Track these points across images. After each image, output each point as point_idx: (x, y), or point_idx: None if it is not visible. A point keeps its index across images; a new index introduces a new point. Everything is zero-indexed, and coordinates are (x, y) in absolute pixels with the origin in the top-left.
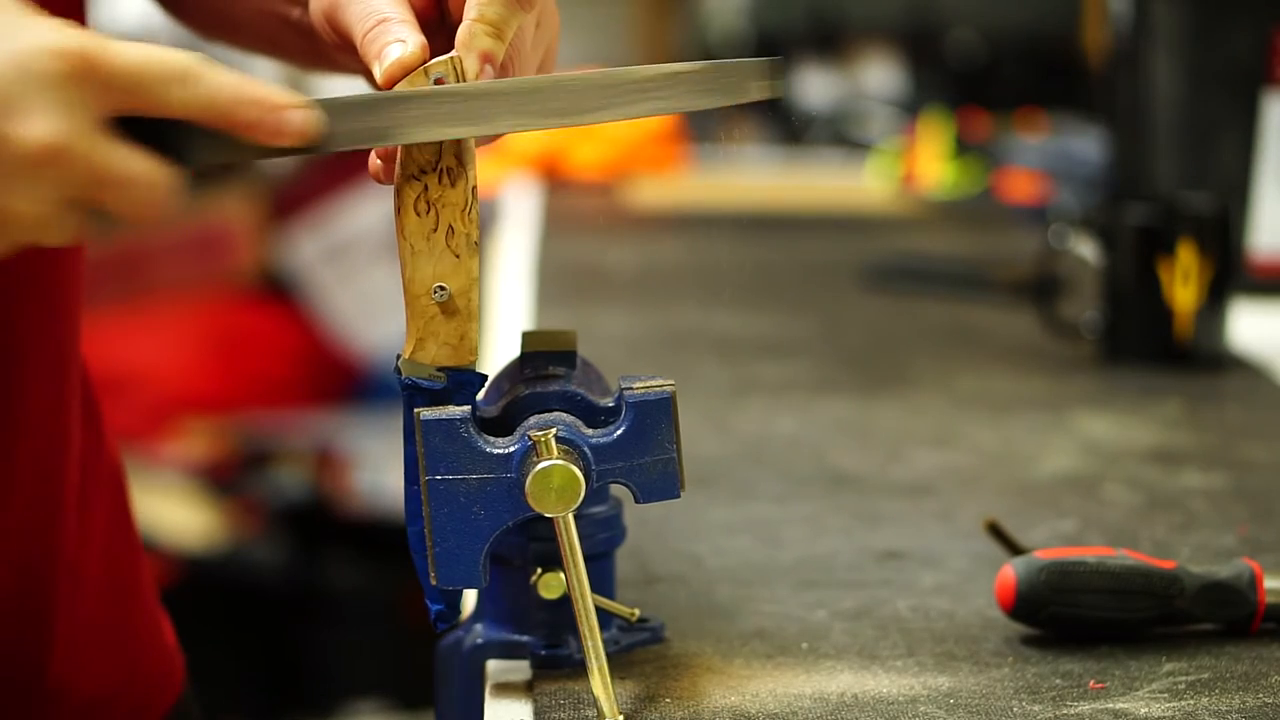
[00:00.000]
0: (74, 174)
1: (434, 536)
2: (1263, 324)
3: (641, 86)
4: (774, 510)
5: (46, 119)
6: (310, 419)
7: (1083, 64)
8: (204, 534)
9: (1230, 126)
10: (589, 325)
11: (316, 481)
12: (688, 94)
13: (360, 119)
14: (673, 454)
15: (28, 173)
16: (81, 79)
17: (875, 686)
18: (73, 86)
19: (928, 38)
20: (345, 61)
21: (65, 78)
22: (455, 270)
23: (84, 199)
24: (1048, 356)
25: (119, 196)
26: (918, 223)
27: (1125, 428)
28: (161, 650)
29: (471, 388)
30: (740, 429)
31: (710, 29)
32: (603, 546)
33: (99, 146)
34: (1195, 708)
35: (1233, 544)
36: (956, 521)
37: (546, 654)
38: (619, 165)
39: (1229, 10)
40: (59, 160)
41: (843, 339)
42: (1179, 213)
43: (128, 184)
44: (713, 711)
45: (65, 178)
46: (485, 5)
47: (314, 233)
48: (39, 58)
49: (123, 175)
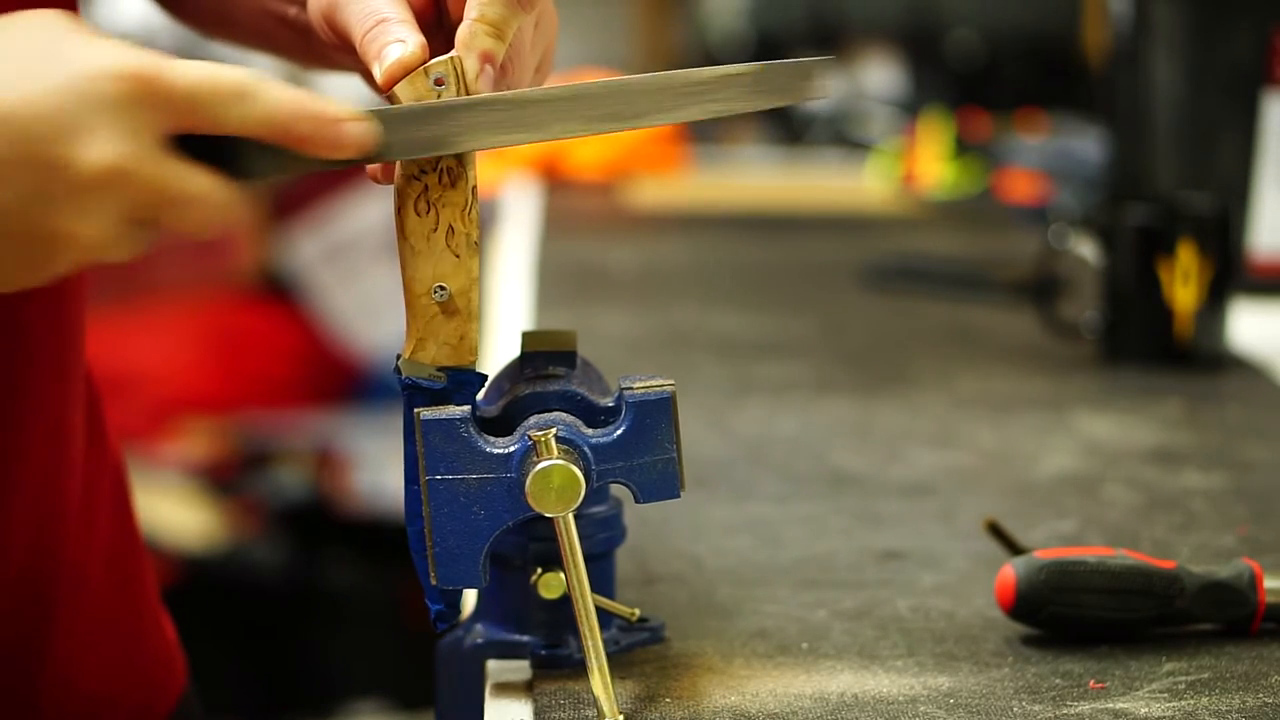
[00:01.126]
0: (136, 194)
1: (434, 536)
2: (1263, 324)
3: (693, 89)
4: (774, 510)
5: (108, 142)
6: (310, 419)
7: (1083, 64)
8: (204, 534)
9: (1230, 126)
10: (589, 325)
11: (316, 481)
12: (740, 96)
13: (416, 128)
14: (673, 454)
15: (91, 195)
16: (141, 100)
17: (875, 686)
18: (133, 108)
19: (928, 38)
20: (343, 61)
21: (125, 99)
22: (455, 270)
23: (146, 218)
24: (1048, 356)
25: (180, 214)
26: (918, 223)
27: (1125, 428)
28: (164, 649)
29: (471, 388)
30: (740, 429)
31: (710, 29)
32: (603, 546)
33: (160, 166)
34: (1195, 708)
35: (1233, 544)
36: (956, 521)
37: (546, 654)
38: (619, 165)
39: (1229, 10)
40: (121, 182)
41: (843, 339)
42: (1179, 213)
43: (189, 202)
44: (713, 711)
45: (127, 198)
46: (486, 5)
47: (314, 233)
48: (99, 80)
49: (184, 194)
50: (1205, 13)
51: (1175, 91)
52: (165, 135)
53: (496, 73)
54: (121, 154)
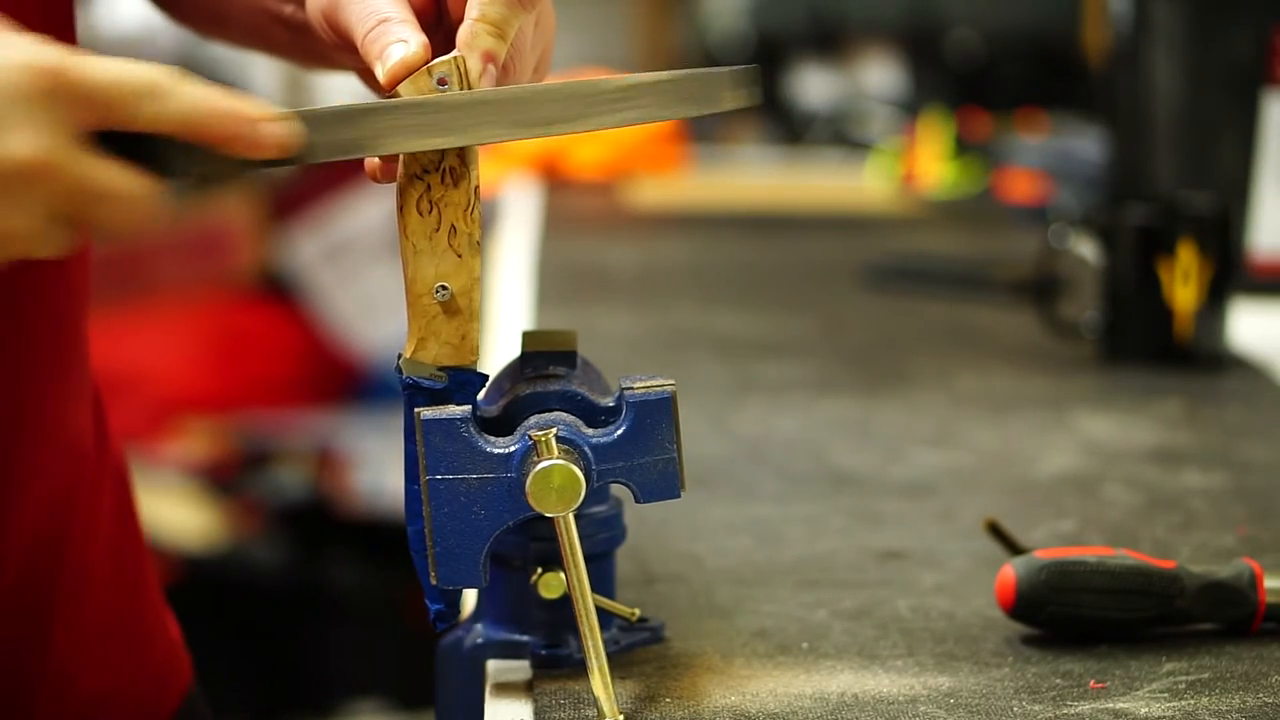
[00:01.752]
0: (58, 188)
1: (434, 536)
2: (1263, 324)
3: (617, 96)
4: (774, 510)
5: (26, 135)
6: (310, 419)
7: (1083, 64)
8: (204, 534)
9: (1230, 126)
10: (589, 325)
11: (316, 481)
12: (662, 103)
13: (339, 130)
14: (673, 454)
15: (12, 188)
16: (55, 95)
17: (875, 686)
18: (49, 102)
19: (928, 38)
20: (341, 60)
21: (41, 94)
22: (457, 270)
23: (70, 213)
24: (1048, 356)
25: (104, 209)
26: (918, 223)
27: (1125, 427)
28: (168, 648)
29: (472, 387)
30: (740, 429)
31: (710, 29)
32: (603, 546)
33: (80, 161)
34: (1195, 708)
35: (1233, 544)
36: (956, 521)
37: (546, 654)
38: (619, 165)
39: (1229, 10)
40: (42, 175)
41: (843, 339)
42: (1179, 213)
43: (111, 197)
44: (713, 711)
45: (50, 192)
46: (487, 5)
47: (314, 233)
48: (14, 74)
49: (106, 189)
50: (1205, 12)
51: (1175, 91)
52: (84, 131)
53: (498, 72)
54: (41, 147)
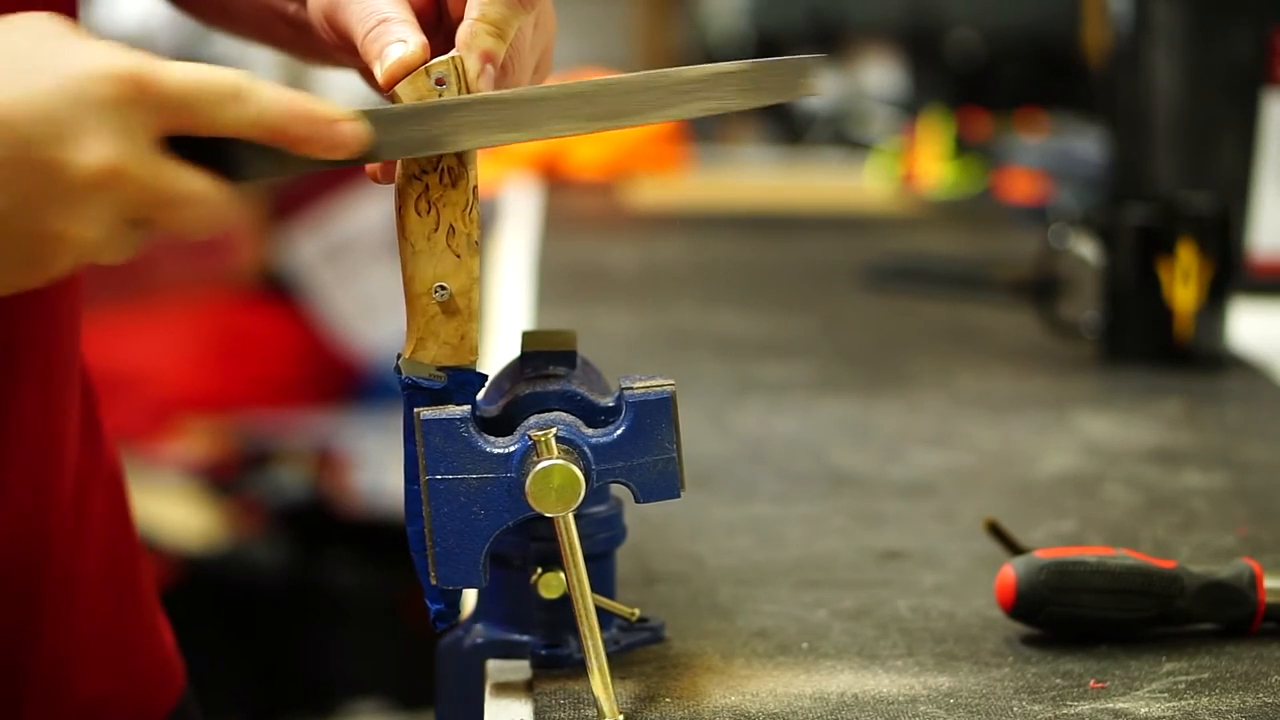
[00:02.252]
0: (131, 196)
1: (434, 536)
2: (1263, 324)
3: (687, 87)
4: (774, 510)
5: (102, 143)
6: (310, 419)
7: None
8: (204, 534)
9: (1230, 126)
10: (589, 325)
11: (316, 481)
12: (733, 94)
13: (410, 128)
14: (673, 454)
15: (86, 197)
16: (134, 102)
17: (875, 686)
18: (127, 109)
19: (928, 38)
20: (342, 59)
21: (119, 101)
22: (456, 270)
23: (141, 219)
24: (1048, 356)
25: (176, 215)
26: (918, 223)
27: (1125, 427)
28: (160, 654)
29: (472, 387)
30: (740, 429)
31: (710, 29)
32: (603, 546)
33: (155, 167)
34: (1195, 708)
35: (1233, 544)
36: (956, 521)
37: (546, 654)
38: (619, 165)
39: (1229, 10)
40: (116, 183)
41: (843, 339)
42: (1179, 213)
43: (184, 203)
44: (713, 711)
45: (123, 200)
46: (487, 5)
47: (314, 233)
48: (92, 82)
49: (179, 194)
50: (1205, 13)
51: (1175, 91)
52: (159, 136)
53: (497, 72)
54: (116, 155)
